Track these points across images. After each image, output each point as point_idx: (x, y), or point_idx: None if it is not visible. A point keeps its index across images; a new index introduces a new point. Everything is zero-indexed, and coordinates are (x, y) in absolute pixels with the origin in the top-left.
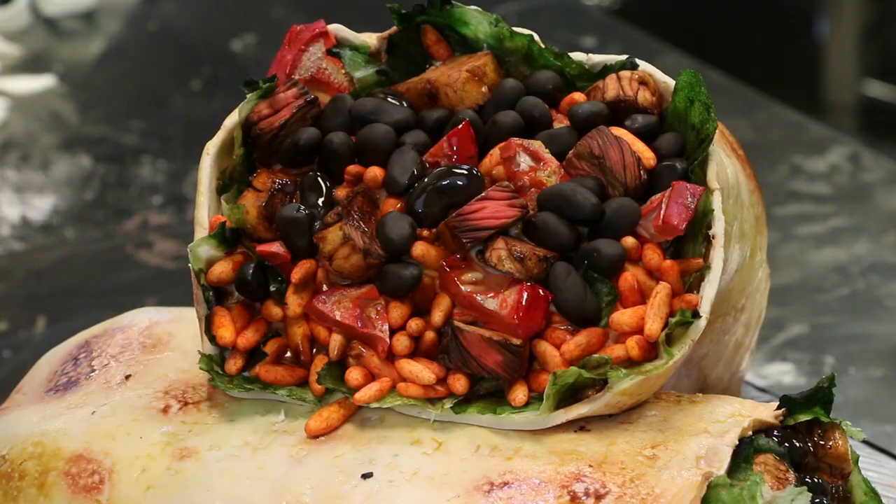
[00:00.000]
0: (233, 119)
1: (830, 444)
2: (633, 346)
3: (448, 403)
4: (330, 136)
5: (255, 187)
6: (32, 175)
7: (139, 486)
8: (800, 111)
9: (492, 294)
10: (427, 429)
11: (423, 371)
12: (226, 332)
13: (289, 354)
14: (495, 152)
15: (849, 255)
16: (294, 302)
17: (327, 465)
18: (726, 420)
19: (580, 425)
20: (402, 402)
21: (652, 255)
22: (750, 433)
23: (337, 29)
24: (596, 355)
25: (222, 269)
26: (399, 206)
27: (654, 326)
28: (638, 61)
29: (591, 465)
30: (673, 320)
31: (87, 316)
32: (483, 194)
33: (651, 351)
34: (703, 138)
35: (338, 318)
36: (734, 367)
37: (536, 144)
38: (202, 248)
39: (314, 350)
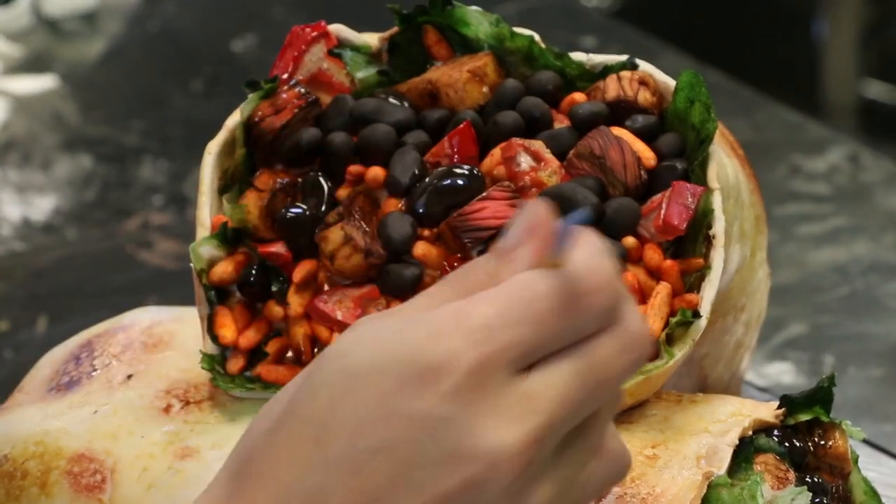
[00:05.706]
0: (234, 119)
1: (830, 443)
2: None
3: None
4: (331, 137)
5: (256, 187)
6: (33, 175)
7: (141, 486)
8: (799, 111)
9: None
10: None
11: None
12: (227, 331)
13: (290, 354)
14: (496, 152)
15: (848, 255)
16: (296, 302)
17: None
18: (727, 419)
19: None
20: None
21: (652, 255)
22: (750, 433)
23: (338, 29)
24: None
25: (224, 269)
26: (400, 206)
27: (654, 326)
28: (638, 61)
29: None
30: (673, 320)
31: (88, 316)
32: (484, 194)
33: (652, 351)
34: (704, 138)
35: (339, 317)
36: (734, 366)
37: (537, 144)
38: (204, 247)
39: (315, 350)
